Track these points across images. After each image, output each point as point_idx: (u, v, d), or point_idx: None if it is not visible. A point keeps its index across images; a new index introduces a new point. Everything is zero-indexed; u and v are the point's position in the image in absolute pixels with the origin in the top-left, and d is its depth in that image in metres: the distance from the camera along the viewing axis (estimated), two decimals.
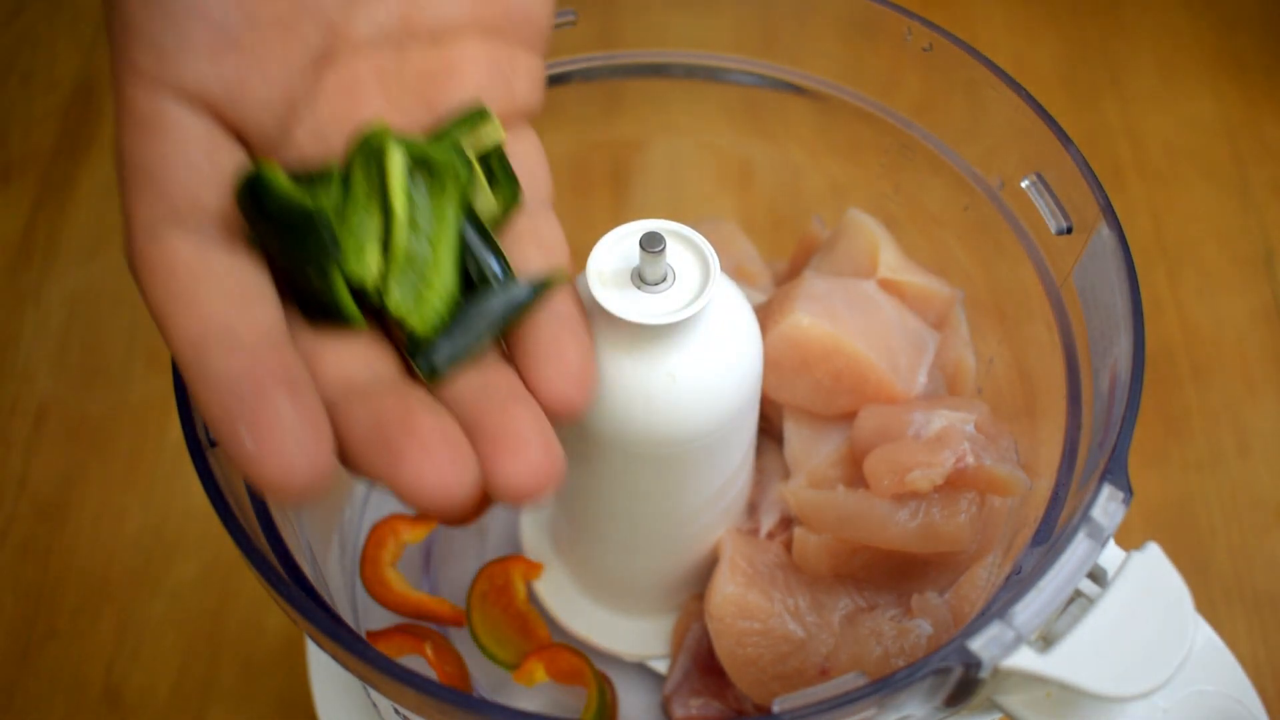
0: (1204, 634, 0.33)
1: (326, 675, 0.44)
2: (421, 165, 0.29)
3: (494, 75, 0.32)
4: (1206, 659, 0.33)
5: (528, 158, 0.33)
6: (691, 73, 0.46)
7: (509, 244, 0.32)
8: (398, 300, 0.28)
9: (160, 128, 0.26)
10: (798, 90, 0.45)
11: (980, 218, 0.42)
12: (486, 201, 0.31)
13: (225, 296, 0.26)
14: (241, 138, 0.28)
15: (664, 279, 0.33)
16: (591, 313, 0.34)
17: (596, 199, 0.55)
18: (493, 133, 0.31)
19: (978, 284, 0.44)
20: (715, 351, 0.34)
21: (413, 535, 0.44)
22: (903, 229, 0.45)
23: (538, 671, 0.40)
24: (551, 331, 0.30)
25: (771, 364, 0.40)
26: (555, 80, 0.45)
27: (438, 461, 0.25)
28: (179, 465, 0.58)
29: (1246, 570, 0.54)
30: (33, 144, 0.69)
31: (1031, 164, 0.39)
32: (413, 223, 0.29)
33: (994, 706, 0.32)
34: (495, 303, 0.29)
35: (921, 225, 0.45)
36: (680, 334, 0.33)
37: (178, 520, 0.56)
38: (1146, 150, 0.68)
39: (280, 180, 0.27)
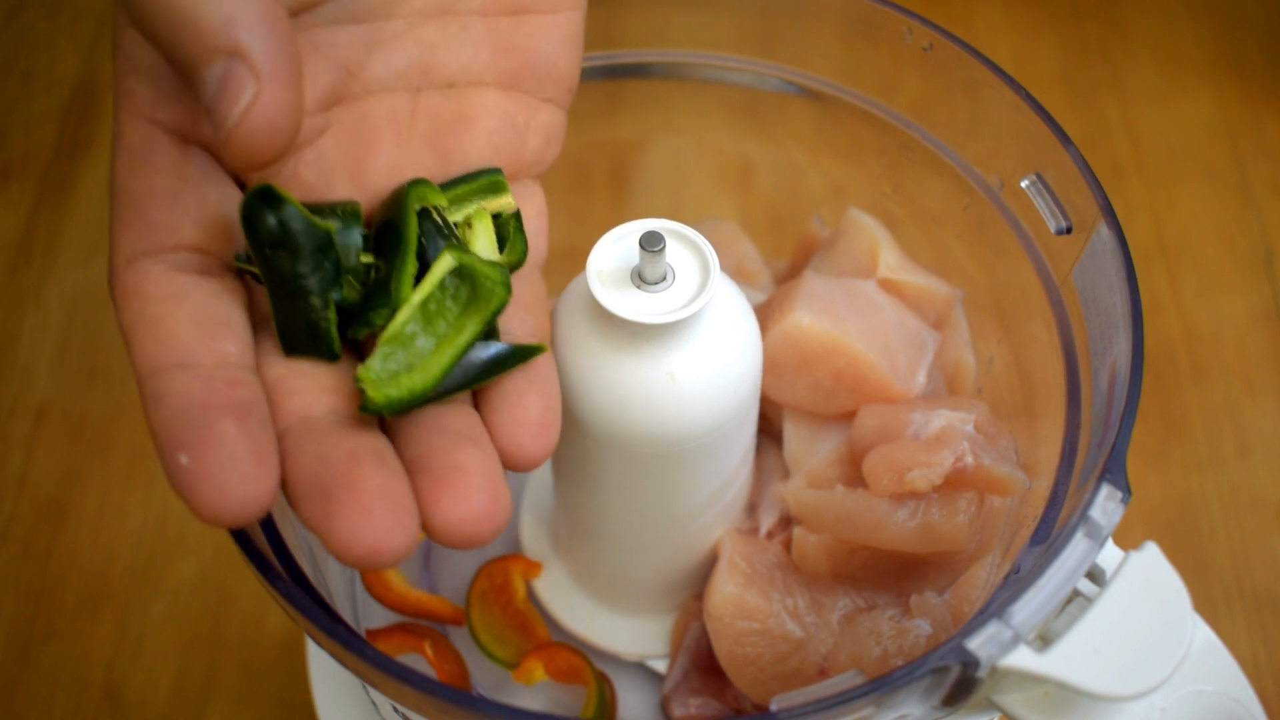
0: (1202, 634, 0.33)
1: (326, 675, 0.44)
2: (466, 276, 0.29)
3: (507, 128, 0.32)
4: (1205, 659, 0.33)
5: (529, 219, 0.33)
6: (691, 73, 0.46)
7: None
8: (374, 370, 0.28)
9: (148, 159, 0.27)
10: (798, 90, 0.45)
11: (980, 218, 0.42)
12: (491, 256, 0.31)
13: (191, 323, 0.26)
14: (237, 170, 0.28)
15: (664, 278, 0.33)
16: (592, 312, 0.34)
17: (596, 199, 0.55)
18: (504, 204, 0.32)
19: (978, 284, 0.44)
20: (715, 351, 0.34)
21: None
22: (903, 229, 0.45)
23: (537, 670, 0.40)
24: (517, 381, 0.30)
25: (771, 364, 0.40)
26: None
27: (372, 522, 0.25)
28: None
29: (1246, 570, 0.54)
30: (33, 144, 0.69)
31: (1031, 164, 0.39)
32: (429, 317, 0.29)
33: (992, 706, 0.32)
34: (474, 360, 0.29)
35: (921, 225, 0.45)
36: (680, 333, 0.33)
37: (178, 520, 0.56)
38: (1146, 150, 0.68)
39: (294, 199, 0.27)
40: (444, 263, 0.29)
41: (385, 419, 0.29)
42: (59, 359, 0.61)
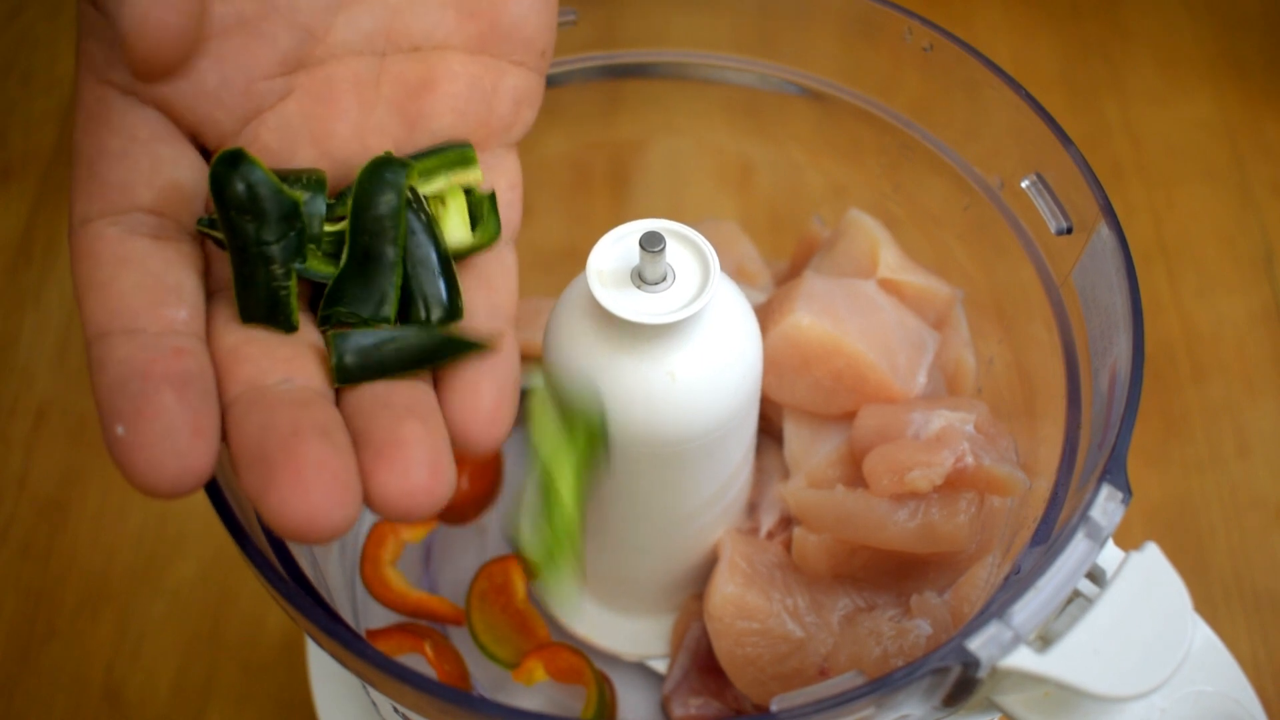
0: (1203, 634, 0.33)
1: (326, 675, 0.44)
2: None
3: (473, 91, 0.32)
4: (1205, 659, 0.33)
5: (501, 191, 0.33)
6: (692, 73, 0.46)
7: (461, 274, 0.31)
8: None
9: (104, 121, 0.27)
10: (798, 90, 0.45)
11: (980, 218, 0.42)
12: (463, 236, 0.31)
13: (140, 289, 0.26)
14: (195, 133, 0.28)
15: (664, 279, 0.33)
16: (592, 312, 0.34)
17: (596, 199, 0.55)
18: (473, 178, 0.31)
19: (978, 284, 0.44)
20: (715, 351, 0.34)
21: (412, 534, 0.44)
22: (903, 229, 0.45)
23: (537, 670, 0.40)
24: (472, 368, 0.29)
25: (771, 364, 0.40)
26: (555, 80, 0.45)
27: (309, 495, 0.24)
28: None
29: (1246, 570, 0.54)
30: (33, 144, 0.69)
31: (1031, 164, 0.39)
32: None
33: (992, 706, 0.32)
34: (429, 341, 0.29)
35: (921, 225, 0.45)
36: (680, 333, 0.33)
37: (178, 520, 0.56)
38: (1146, 150, 0.68)
39: (263, 165, 0.27)
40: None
41: (339, 394, 0.28)
42: (59, 359, 0.61)
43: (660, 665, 0.43)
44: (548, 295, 0.49)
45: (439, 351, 0.29)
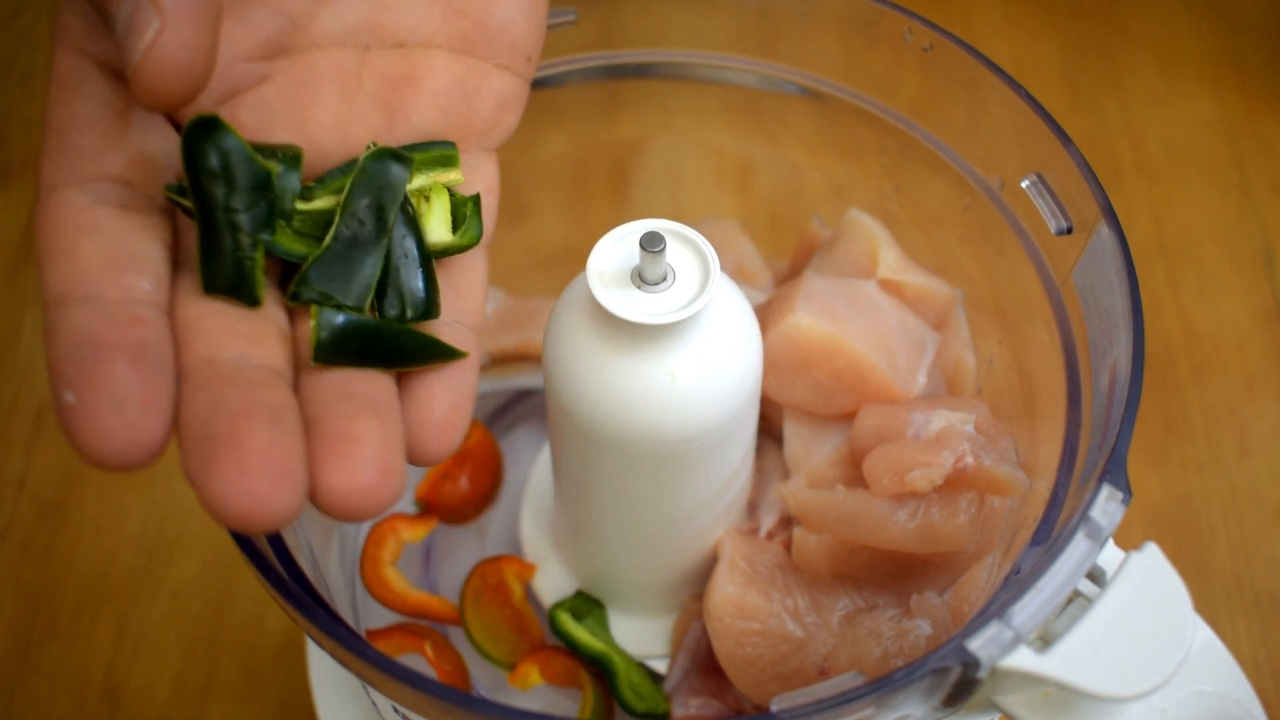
0: (1203, 634, 0.33)
1: (326, 675, 0.44)
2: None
3: (455, 90, 0.32)
4: (1205, 659, 0.33)
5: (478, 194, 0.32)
6: (691, 73, 0.46)
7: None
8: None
9: (76, 89, 0.26)
10: (798, 90, 0.45)
11: (980, 218, 0.42)
12: (444, 235, 0.31)
13: (102, 257, 0.25)
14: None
15: (664, 279, 0.33)
16: (592, 312, 0.34)
17: (596, 199, 0.55)
18: (453, 178, 0.31)
19: (978, 284, 0.44)
20: (715, 351, 0.34)
21: (412, 534, 0.44)
22: (903, 229, 0.45)
23: (532, 674, 0.40)
24: (429, 376, 0.29)
25: (771, 364, 0.40)
26: (555, 80, 0.45)
27: (250, 481, 0.23)
28: (179, 465, 0.57)
29: (1246, 570, 0.54)
30: (33, 144, 0.69)
31: (1031, 164, 0.39)
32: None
33: (992, 706, 0.32)
34: (411, 340, 0.29)
35: (921, 225, 0.45)
36: (680, 334, 0.33)
37: (178, 520, 0.56)
38: (1146, 150, 0.68)
39: (238, 133, 0.27)
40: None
41: (297, 376, 0.28)
42: None
43: (660, 665, 0.43)
44: (548, 295, 0.49)
45: (419, 352, 0.29)
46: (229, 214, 0.27)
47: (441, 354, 0.29)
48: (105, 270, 0.25)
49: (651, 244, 0.32)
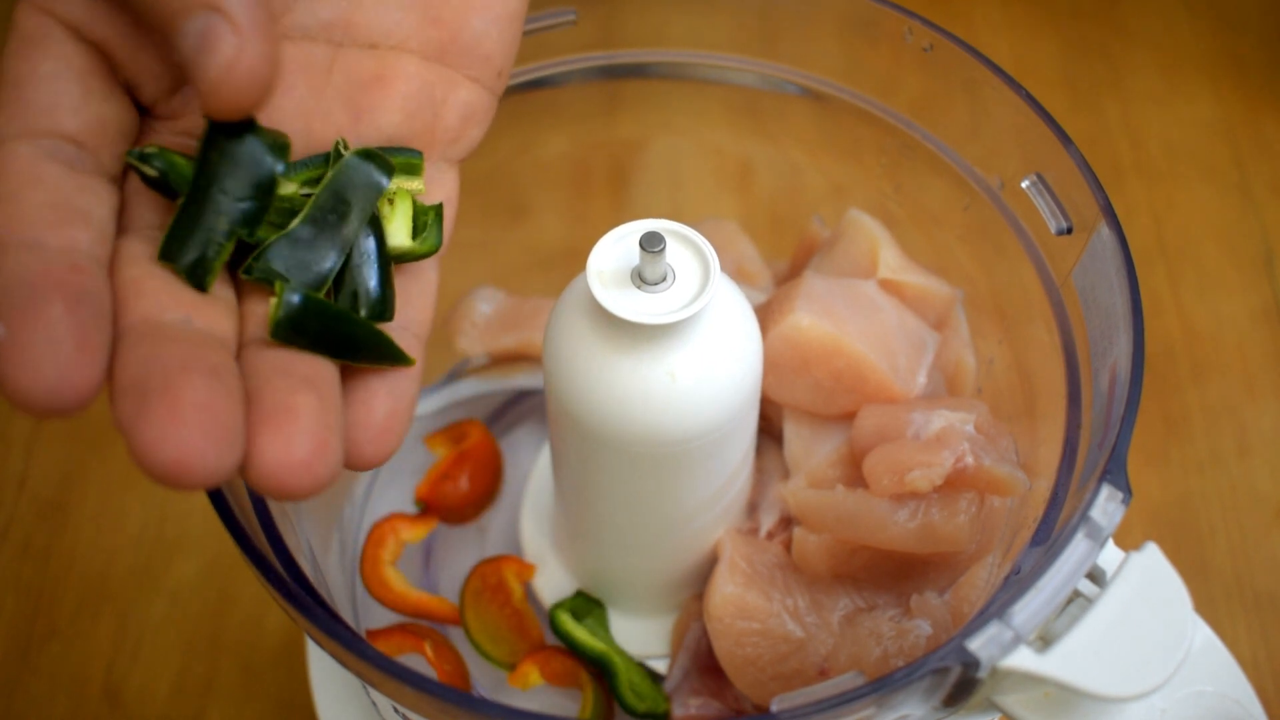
0: (1203, 634, 0.33)
1: (326, 675, 0.44)
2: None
3: (423, 96, 0.32)
4: (1205, 659, 0.33)
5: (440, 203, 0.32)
6: (691, 73, 0.46)
7: None
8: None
9: (39, 46, 0.26)
10: (798, 90, 0.45)
11: (980, 218, 0.42)
12: (404, 241, 0.31)
13: (48, 208, 0.25)
14: (132, 85, 0.28)
15: (664, 279, 0.33)
16: (592, 312, 0.34)
17: (596, 199, 0.55)
18: (415, 186, 0.31)
19: (978, 284, 0.44)
20: (715, 352, 0.34)
21: (412, 535, 0.44)
22: (903, 229, 0.45)
23: (532, 674, 0.40)
24: (370, 379, 0.28)
25: (771, 364, 0.40)
26: (555, 80, 0.45)
27: (184, 431, 0.22)
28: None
29: (1246, 570, 0.54)
30: None
31: (1031, 164, 0.39)
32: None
33: (992, 706, 0.32)
34: (367, 334, 0.28)
35: (921, 225, 0.45)
36: (680, 334, 0.33)
37: (178, 520, 0.56)
38: (1146, 150, 0.68)
39: (274, 135, 0.27)
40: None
41: (239, 353, 0.27)
42: None
43: (660, 665, 0.43)
44: (548, 295, 0.49)
45: (372, 348, 0.28)
46: (221, 195, 0.27)
47: (392, 355, 0.29)
48: (50, 220, 0.25)
49: (651, 244, 0.32)
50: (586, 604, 0.43)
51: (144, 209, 0.28)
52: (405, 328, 0.31)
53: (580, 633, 0.42)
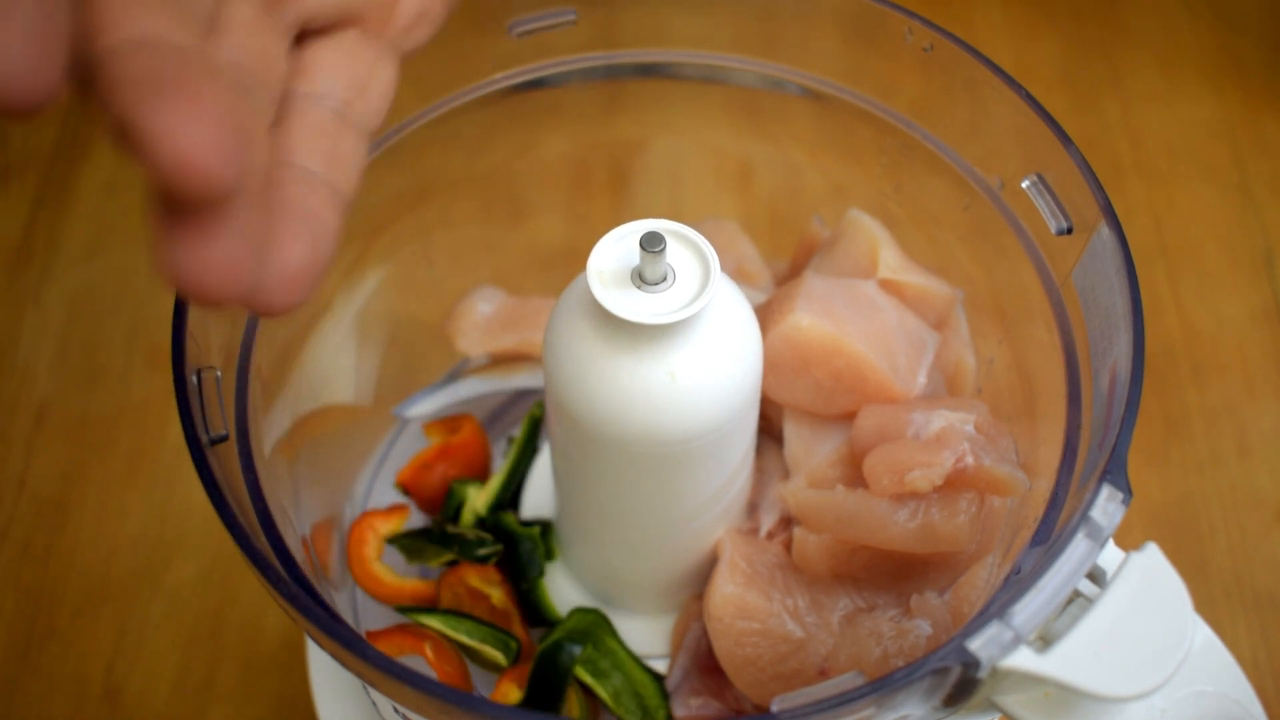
0: (1203, 634, 0.33)
1: (326, 675, 0.44)
2: None
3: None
4: (1205, 659, 0.33)
5: (383, 88, 0.30)
6: (691, 73, 0.46)
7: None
8: None
9: None
10: (798, 90, 0.45)
11: (980, 218, 0.42)
12: None
13: None
14: None
15: (664, 279, 0.33)
16: (592, 312, 0.34)
17: (596, 199, 0.55)
18: None
19: (978, 284, 0.44)
20: (715, 352, 0.34)
21: (389, 528, 0.44)
22: (903, 229, 0.45)
23: (512, 693, 0.40)
24: (289, 222, 0.26)
25: (771, 364, 0.40)
26: (555, 80, 0.45)
27: (201, 123, 0.20)
28: (179, 465, 0.58)
29: (1246, 570, 0.54)
30: (33, 144, 0.69)
31: (1031, 164, 0.39)
32: None
33: (992, 706, 0.32)
34: None
35: (921, 225, 0.45)
36: (680, 334, 0.33)
37: (178, 520, 0.56)
38: (1146, 150, 0.68)
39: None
40: None
41: None
42: (59, 359, 0.61)
43: (660, 665, 0.43)
44: (548, 295, 0.49)
45: None
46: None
47: None
48: None
49: (651, 244, 0.32)
50: (585, 621, 0.42)
51: None
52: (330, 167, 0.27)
53: (603, 691, 0.41)
